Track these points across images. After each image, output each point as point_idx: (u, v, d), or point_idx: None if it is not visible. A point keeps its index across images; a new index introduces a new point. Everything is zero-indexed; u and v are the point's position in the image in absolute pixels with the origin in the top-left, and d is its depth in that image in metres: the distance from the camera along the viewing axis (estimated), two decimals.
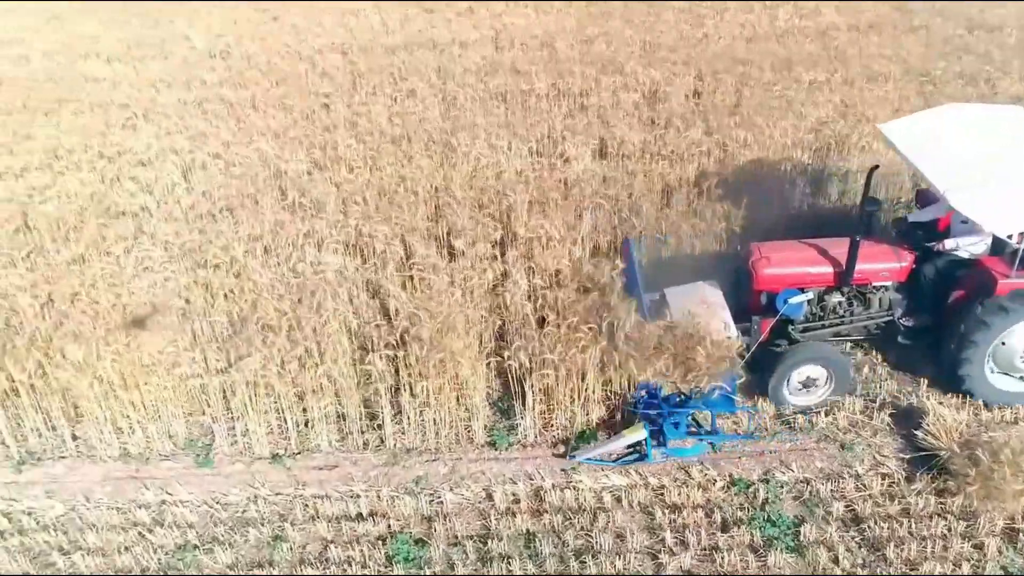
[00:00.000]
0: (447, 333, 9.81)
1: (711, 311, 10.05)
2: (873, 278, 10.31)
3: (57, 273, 11.18)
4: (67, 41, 20.34)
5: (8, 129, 15.56)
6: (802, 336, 10.34)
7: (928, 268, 10.16)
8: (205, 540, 9.02)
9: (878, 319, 10.53)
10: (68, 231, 12.37)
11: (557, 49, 18.54)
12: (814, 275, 10.34)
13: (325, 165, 14.09)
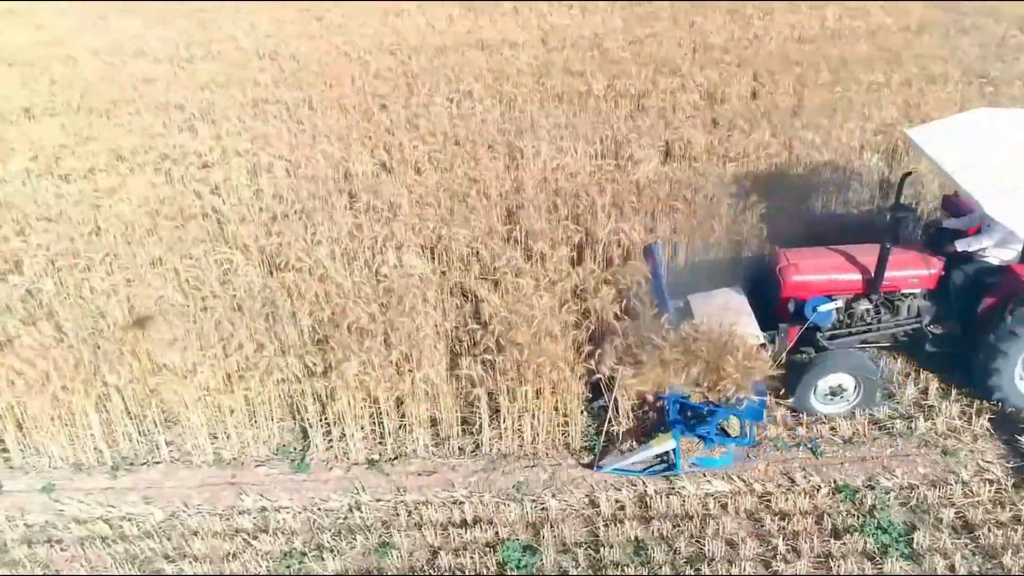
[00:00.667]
0: (543, 338, 9.59)
1: (736, 318, 9.87)
2: (902, 285, 10.12)
3: (137, 276, 10.93)
4: (114, 41, 20.08)
5: (68, 130, 15.37)
6: (829, 344, 10.15)
7: (958, 275, 9.97)
8: (311, 547, 8.78)
9: (906, 326, 10.34)
10: (143, 233, 12.11)
11: (608, 50, 18.28)
12: (842, 282, 10.13)
13: (391, 167, 13.85)
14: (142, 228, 12.43)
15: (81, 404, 9.63)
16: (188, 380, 9.52)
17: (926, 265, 10.10)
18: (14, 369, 9.53)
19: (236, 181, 13.53)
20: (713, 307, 10.11)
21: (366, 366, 9.48)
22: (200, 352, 9.68)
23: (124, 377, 9.69)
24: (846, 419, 10.08)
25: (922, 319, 10.32)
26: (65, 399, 9.54)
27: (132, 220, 12.60)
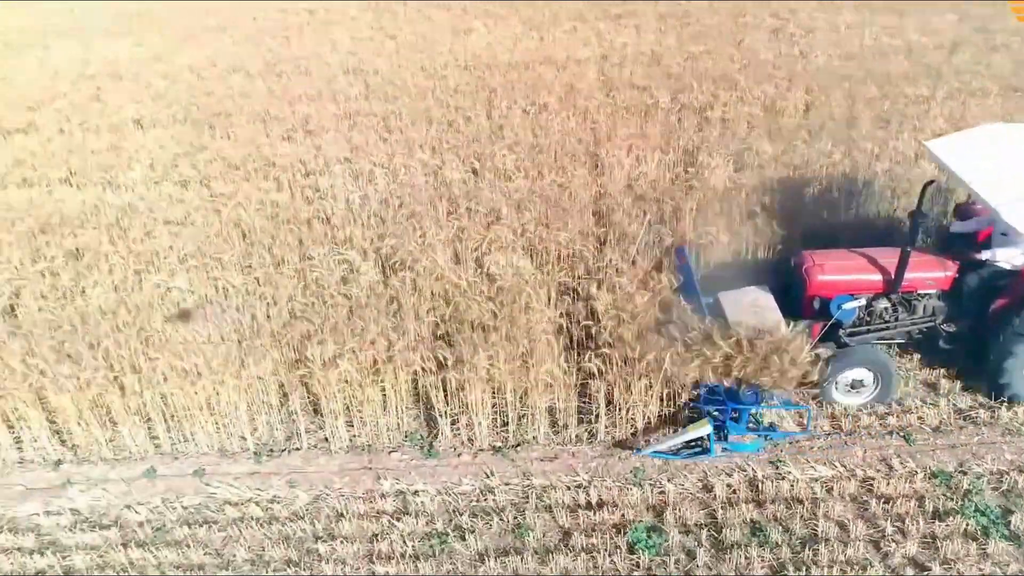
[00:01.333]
0: (647, 333, 9.45)
1: (765, 314, 9.81)
2: (919, 286, 10.04)
3: (268, 276, 10.83)
4: (208, 57, 19.99)
5: (182, 140, 15.24)
6: (849, 339, 10.03)
7: (971, 278, 9.89)
8: (451, 527, 8.65)
9: (921, 325, 10.25)
10: (265, 236, 12.00)
11: (668, 66, 18.06)
12: (864, 282, 10.06)
13: (483, 174, 13.67)
14: (261, 231, 12.23)
15: (229, 395, 9.46)
16: (329, 371, 9.35)
17: (942, 267, 10.04)
18: (168, 363, 9.36)
19: (342, 187, 13.32)
20: (742, 304, 10.10)
21: (494, 360, 9.29)
22: (337, 346, 9.49)
23: (267, 370, 9.53)
24: (932, 408, 9.88)
25: (936, 318, 10.26)
26: (215, 390, 9.38)
27: (251, 224, 12.41)
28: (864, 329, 10.22)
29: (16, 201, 13.48)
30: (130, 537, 8.77)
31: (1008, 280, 9.71)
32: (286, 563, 8.40)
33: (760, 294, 10.34)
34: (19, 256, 11.63)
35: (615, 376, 9.36)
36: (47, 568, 8.43)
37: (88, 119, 16.57)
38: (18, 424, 9.54)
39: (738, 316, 9.65)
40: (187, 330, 9.84)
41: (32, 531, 8.86)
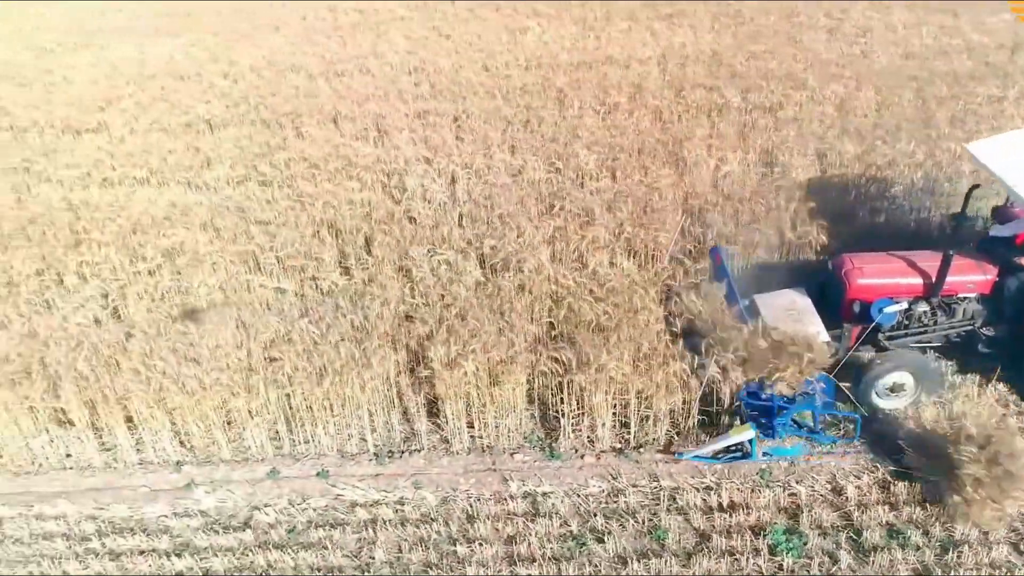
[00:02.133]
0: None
1: (803, 317, 9.73)
2: (959, 290, 9.91)
3: (372, 276, 10.89)
4: (265, 57, 19.84)
5: (257, 140, 15.15)
6: (889, 344, 9.93)
7: (1012, 282, 9.77)
8: (585, 530, 8.56)
9: (960, 328, 10.12)
10: (359, 237, 11.92)
11: (731, 65, 17.94)
12: (904, 286, 9.94)
13: (566, 174, 13.59)
14: (356, 231, 12.14)
15: (354, 395, 9.38)
16: (451, 373, 9.26)
17: (982, 271, 9.92)
18: (293, 363, 9.28)
19: (428, 187, 13.22)
20: (779, 307, 10.02)
21: (618, 362, 9.20)
22: (458, 347, 9.40)
23: (389, 371, 9.44)
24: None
25: (975, 322, 10.13)
26: (338, 391, 9.29)
27: (344, 224, 12.32)
28: (903, 333, 10.08)
29: (101, 201, 13.35)
30: (264, 539, 8.63)
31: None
32: (425, 566, 8.31)
33: (797, 297, 10.27)
34: (116, 256, 11.49)
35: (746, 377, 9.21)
36: (185, 570, 8.33)
37: (158, 118, 16.44)
38: (141, 425, 9.42)
39: (774, 319, 9.54)
40: (307, 329, 9.72)
41: (164, 532, 8.76)
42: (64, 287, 11.12)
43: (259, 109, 16.95)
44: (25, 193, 13.86)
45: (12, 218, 12.85)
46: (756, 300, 10.26)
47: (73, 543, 8.70)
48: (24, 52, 21.06)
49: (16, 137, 15.99)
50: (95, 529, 8.88)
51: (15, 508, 9.16)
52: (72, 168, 14.52)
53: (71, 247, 11.94)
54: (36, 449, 9.59)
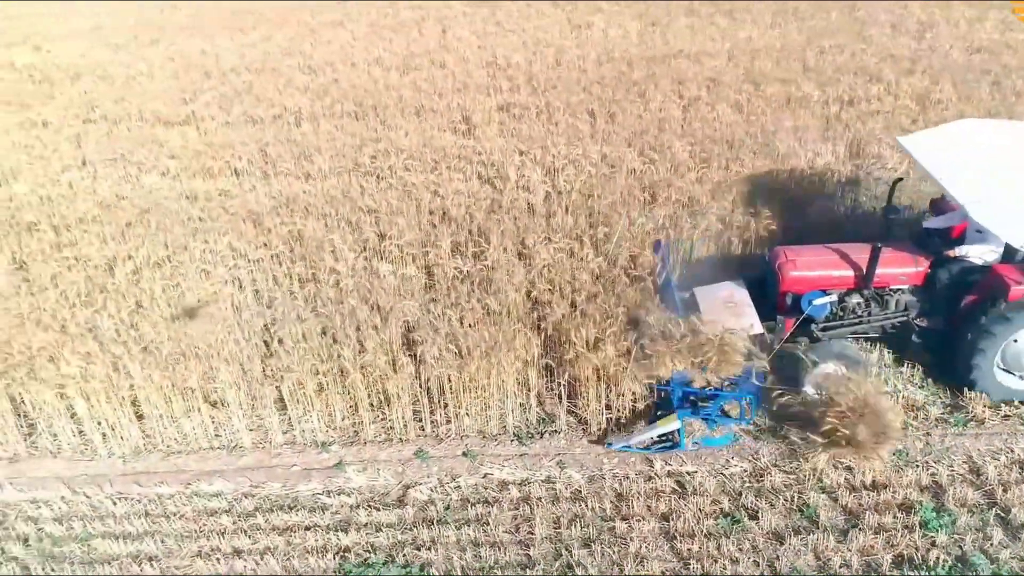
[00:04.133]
0: None
1: (739, 309, 9.79)
2: (891, 281, 10.02)
3: (496, 263, 10.98)
4: (337, 52, 19.99)
5: (346, 132, 15.30)
6: (823, 335, 10.03)
7: (943, 273, 9.86)
8: (736, 508, 8.71)
9: (894, 320, 10.21)
10: (472, 225, 12.06)
11: (804, 60, 18.06)
12: (837, 278, 10.04)
13: (662, 165, 13.71)
14: (464, 219, 12.28)
15: (493, 378, 9.51)
16: (593, 355, 9.39)
17: (914, 263, 10.01)
18: (441, 346, 9.42)
19: (532, 178, 13.35)
20: (717, 299, 10.07)
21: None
22: (595, 329, 9.53)
23: (533, 353, 9.58)
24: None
25: (909, 313, 10.21)
26: (478, 374, 9.44)
27: (452, 212, 12.46)
28: (837, 324, 10.18)
29: (209, 191, 13.50)
30: (424, 516, 8.77)
31: (979, 276, 9.68)
32: (584, 541, 8.42)
33: (735, 289, 10.31)
34: (237, 243, 11.63)
35: None
36: (352, 544, 8.46)
37: (246, 111, 16.57)
38: (294, 406, 9.58)
39: (712, 311, 9.59)
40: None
41: (322, 509, 8.90)
42: (193, 273, 11.19)
43: (342, 102, 16.98)
44: (132, 183, 13.97)
45: (126, 207, 12.96)
46: (696, 292, 10.34)
47: (237, 519, 8.81)
48: (97, 48, 21.16)
49: (111, 130, 16.10)
50: (255, 506, 9.00)
51: (172, 486, 9.31)
52: (172, 159, 14.62)
53: (190, 234, 12.03)
54: (187, 429, 9.70)
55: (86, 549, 8.57)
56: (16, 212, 12.91)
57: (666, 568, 8.12)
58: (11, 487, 9.40)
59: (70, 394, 9.36)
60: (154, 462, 9.67)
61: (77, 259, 11.55)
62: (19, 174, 14.36)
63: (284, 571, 8.29)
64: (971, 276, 9.74)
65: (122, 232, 12.16)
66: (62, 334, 9.69)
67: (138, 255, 11.59)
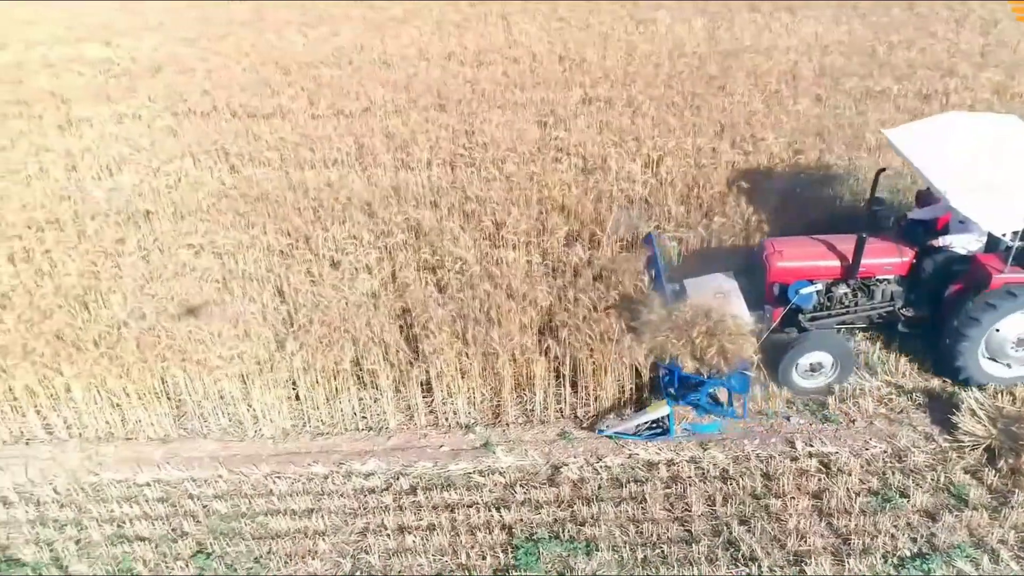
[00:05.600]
0: None
1: (727, 299, 9.93)
2: (877, 272, 10.16)
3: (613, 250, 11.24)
4: (408, 46, 20.16)
5: (437, 125, 15.47)
6: (810, 324, 10.19)
7: (927, 263, 10.01)
8: (882, 486, 8.89)
9: (880, 309, 10.37)
10: (585, 215, 12.25)
11: (876, 55, 18.22)
12: (823, 268, 10.19)
13: (758, 157, 13.87)
14: (575, 208, 12.46)
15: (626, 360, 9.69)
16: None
17: (899, 254, 10.15)
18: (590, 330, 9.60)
19: (632, 169, 13.51)
20: (707, 290, 10.21)
21: None
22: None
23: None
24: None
25: (895, 303, 10.37)
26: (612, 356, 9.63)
27: (561, 202, 12.65)
28: (825, 314, 10.34)
29: (315, 181, 13.67)
30: (579, 493, 8.96)
31: (963, 266, 9.83)
32: (740, 518, 8.61)
33: (725, 280, 10.45)
34: (355, 230, 11.81)
35: None
36: (514, 521, 8.65)
37: (333, 103, 16.72)
38: (442, 389, 9.77)
39: (702, 302, 9.53)
40: None
41: (476, 488, 9.08)
42: (320, 259, 11.37)
43: (425, 96, 17.14)
44: (236, 174, 14.14)
45: (238, 196, 13.14)
46: (686, 283, 10.51)
47: (397, 497, 9.00)
48: (169, 43, 21.31)
49: (203, 122, 16.26)
50: (410, 484, 9.18)
51: (325, 466, 9.49)
52: (271, 151, 14.79)
53: (308, 223, 12.20)
54: (336, 411, 9.89)
55: (255, 525, 8.72)
56: (129, 202, 13.08)
57: (826, 544, 8.25)
58: (169, 466, 9.53)
59: (224, 376, 9.51)
60: (304, 443, 9.82)
61: (202, 246, 11.68)
62: (124, 165, 14.49)
63: (452, 547, 8.43)
64: (955, 266, 9.91)
65: (240, 220, 12.29)
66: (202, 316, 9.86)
67: (262, 242, 11.71)
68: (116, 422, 9.93)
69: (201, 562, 8.33)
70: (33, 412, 9.90)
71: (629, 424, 9.46)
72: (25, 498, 9.21)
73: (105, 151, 14.88)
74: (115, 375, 9.45)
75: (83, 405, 9.76)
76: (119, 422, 9.93)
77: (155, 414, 9.82)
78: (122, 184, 13.91)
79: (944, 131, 10.03)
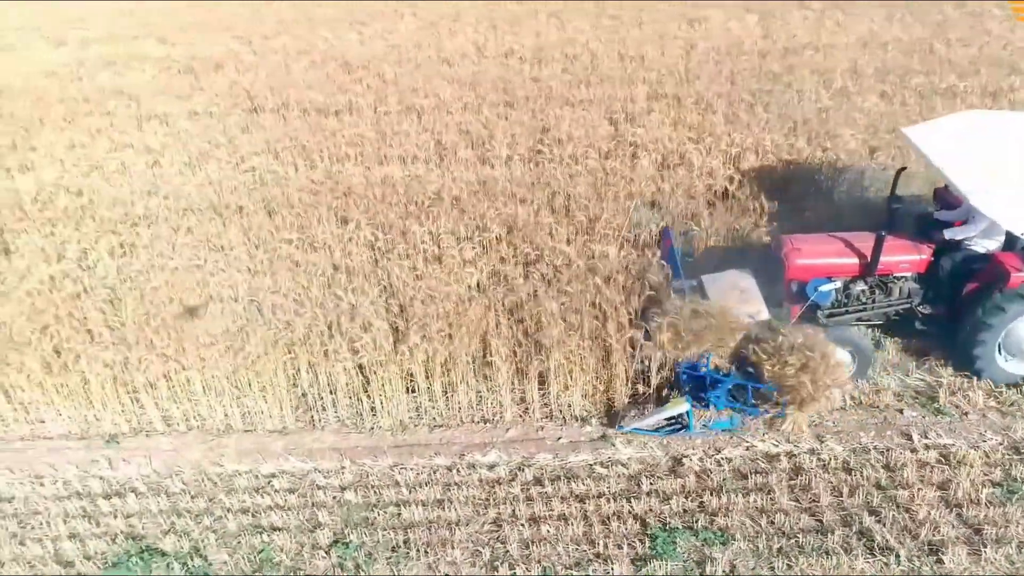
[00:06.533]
0: None
1: (745, 296, 9.96)
2: (895, 269, 10.16)
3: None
4: (465, 44, 20.20)
5: (511, 121, 15.46)
6: (828, 321, 10.19)
7: (945, 261, 10.00)
8: (1007, 478, 8.94)
9: (897, 306, 10.38)
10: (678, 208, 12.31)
11: (934, 52, 18.27)
12: (841, 266, 10.18)
13: (836, 153, 13.92)
14: (667, 203, 12.51)
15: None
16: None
17: (917, 251, 10.15)
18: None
19: (712, 164, 13.56)
20: (724, 287, 10.24)
21: None
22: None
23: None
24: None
25: (912, 300, 10.38)
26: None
27: (651, 197, 12.71)
28: (843, 311, 10.35)
29: (400, 177, 13.71)
30: (704, 485, 9.03)
31: (980, 264, 9.84)
32: (869, 509, 8.66)
33: (741, 277, 10.48)
34: (451, 226, 11.90)
35: None
36: (645, 511, 8.71)
37: (402, 99, 16.76)
38: (557, 382, 9.82)
39: (719, 298, 9.55)
40: None
41: (599, 479, 9.14)
42: (421, 253, 11.41)
43: (491, 93, 17.18)
44: (318, 169, 14.18)
45: (327, 191, 13.19)
46: (703, 280, 10.53)
47: (524, 488, 9.05)
48: (224, 41, 21.35)
49: (275, 118, 16.30)
50: (534, 476, 9.23)
51: (447, 458, 9.53)
52: (350, 146, 14.82)
53: (401, 218, 12.24)
54: (453, 403, 9.94)
55: (387, 515, 8.77)
56: (219, 196, 13.12)
57: (959, 534, 8.29)
58: (292, 458, 9.58)
59: (343, 369, 9.55)
60: (422, 435, 9.87)
61: (300, 240, 11.72)
62: (206, 161, 14.53)
63: (586, 537, 8.48)
64: (973, 264, 9.91)
65: (332, 215, 12.33)
66: (319, 309, 9.90)
67: (358, 237, 11.76)
68: (235, 414, 9.93)
69: (341, 552, 8.35)
70: (152, 405, 9.89)
71: (649, 420, 9.45)
72: (154, 489, 9.22)
73: (184, 147, 14.89)
74: (239, 367, 9.44)
75: (203, 397, 9.76)
76: (238, 414, 9.94)
77: (275, 406, 9.81)
78: (207, 179, 13.91)
79: (963, 129, 10.07)
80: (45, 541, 8.68)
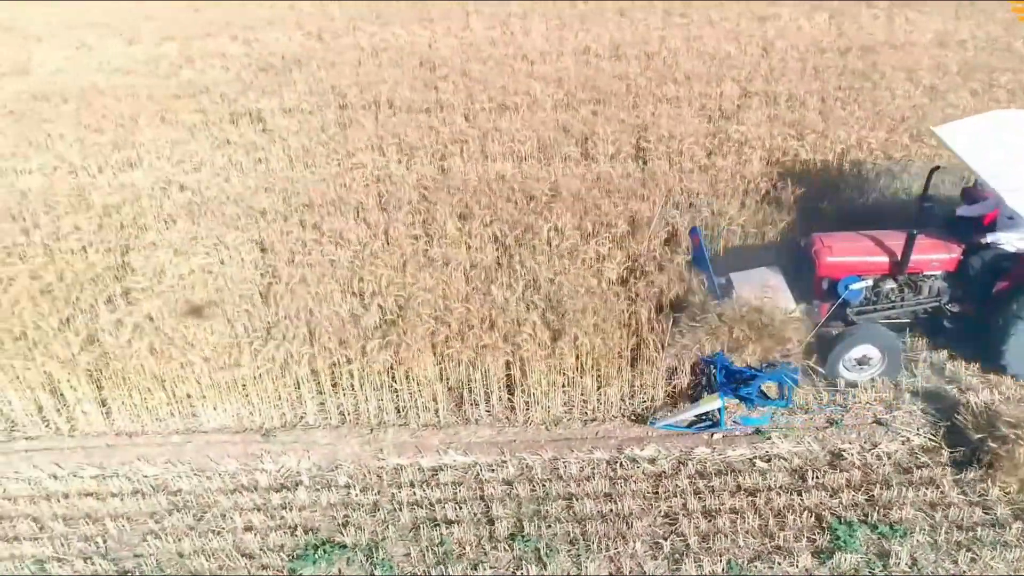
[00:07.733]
0: None
1: (775, 294, 9.97)
2: (925, 268, 10.15)
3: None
4: (539, 43, 20.15)
5: (602, 118, 15.40)
6: (858, 319, 10.21)
7: (976, 260, 9.98)
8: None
9: (926, 305, 10.38)
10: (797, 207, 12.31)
11: (1013, 49, 18.23)
12: (872, 264, 10.19)
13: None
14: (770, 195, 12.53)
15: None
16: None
17: (947, 250, 10.13)
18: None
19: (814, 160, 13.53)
20: (753, 284, 10.23)
21: None
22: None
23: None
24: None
25: (941, 299, 10.37)
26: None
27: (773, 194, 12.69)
28: (871, 309, 10.37)
29: (511, 174, 13.67)
30: (870, 478, 9.02)
31: (1011, 263, 9.82)
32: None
33: (771, 274, 10.51)
34: (577, 222, 11.91)
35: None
36: (816, 504, 8.73)
37: (493, 97, 16.71)
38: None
39: (749, 296, 9.55)
40: None
41: (763, 474, 9.18)
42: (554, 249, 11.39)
43: (580, 90, 17.12)
44: (426, 165, 14.14)
45: (444, 187, 13.16)
46: (732, 277, 10.56)
47: (690, 481, 9.07)
48: (296, 38, 21.28)
49: (368, 114, 16.25)
50: (696, 470, 9.26)
51: (606, 451, 9.59)
52: (455, 143, 14.78)
53: (524, 214, 12.21)
54: (604, 398, 9.95)
55: (558, 508, 8.77)
56: (334, 192, 13.09)
57: None
58: (451, 451, 9.58)
59: (495, 363, 9.62)
60: (576, 429, 9.87)
61: (430, 236, 11.72)
62: (315, 159, 14.51)
63: (762, 530, 8.48)
64: (1003, 263, 9.90)
65: (454, 211, 12.31)
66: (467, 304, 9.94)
67: (484, 232, 11.75)
68: (389, 408, 9.93)
69: (520, 545, 8.35)
70: (309, 398, 9.89)
71: (681, 417, 9.51)
72: (321, 483, 9.22)
73: (285, 143, 14.87)
74: (397, 362, 9.45)
75: (360, 392, 9.76)
76: (392, 408, 9.94)
77: (429, 400, 9.82)
78: (318, 176, 13.88)
79: (996, 128, 10.03)
80: (224, 534, 8.66)
